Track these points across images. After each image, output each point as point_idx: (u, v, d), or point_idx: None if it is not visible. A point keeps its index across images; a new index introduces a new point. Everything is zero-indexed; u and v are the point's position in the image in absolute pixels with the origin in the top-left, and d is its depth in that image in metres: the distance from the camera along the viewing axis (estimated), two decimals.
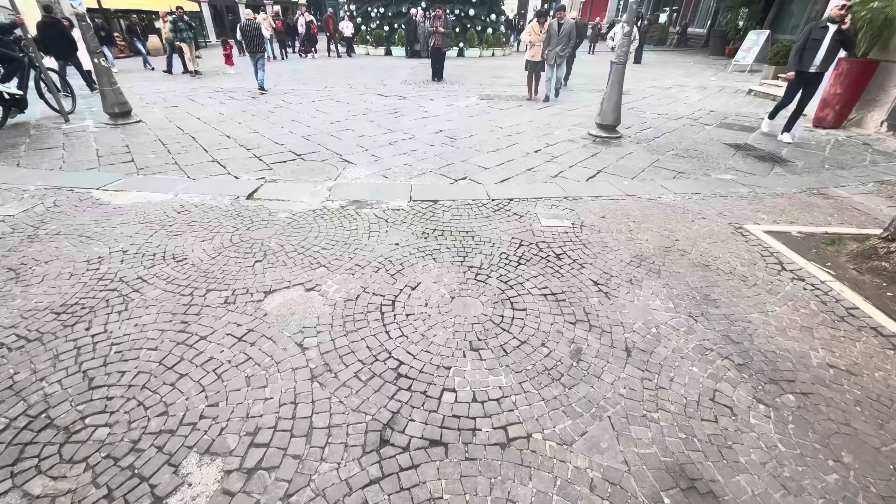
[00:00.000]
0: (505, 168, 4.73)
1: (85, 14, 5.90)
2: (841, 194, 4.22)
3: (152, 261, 2.80)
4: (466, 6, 17.60)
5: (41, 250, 2.89)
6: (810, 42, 5.35)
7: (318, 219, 3.43)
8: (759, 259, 2.96)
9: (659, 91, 9.95)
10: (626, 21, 5.50)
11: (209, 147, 5.26)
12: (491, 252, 2.98)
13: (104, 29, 11.90)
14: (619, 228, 3.37)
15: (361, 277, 2.66)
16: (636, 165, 4.88)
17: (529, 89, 8.58)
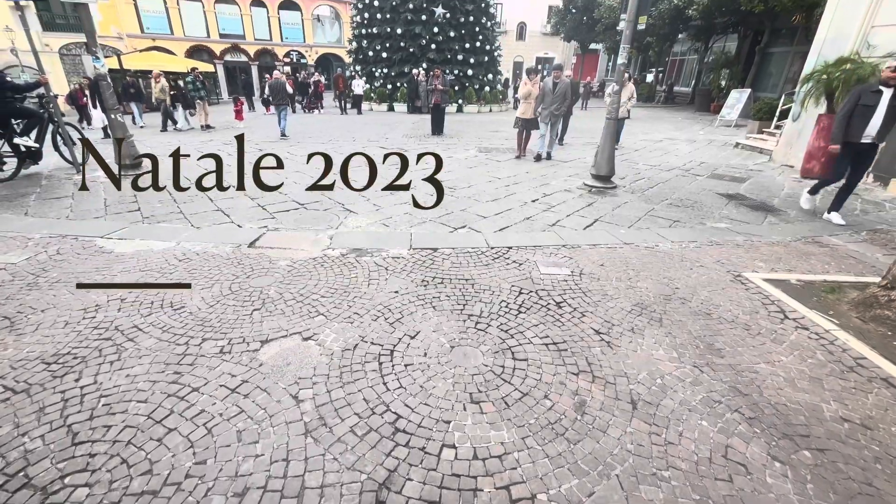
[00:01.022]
0: (503, 217, 4.82)
1: (106, 74, 6.28)
2: (835, 242, 4.27)
3: (150, 309, 2.78)
4: (465, 67, 18.76)
5: (39, 298, 2.88)
6: (859, 108, 4.50)
7: (319, 267, 3.45)
8: (760, 307, 2.95)
9: (650, 144, 10.36)
10: (617, 81, 5.85)
11: (215, 197, 5.38)
12: (491, 300, 2.97)
13: (134, 86, 12.50)
14: (619, 276, 3.37)
15: (360, 326, 2.62)
16: (632, 214, 4.98)
17: (519, 146, 8.35)
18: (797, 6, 13.13)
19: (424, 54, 18.08)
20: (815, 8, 12.13)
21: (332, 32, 29.96)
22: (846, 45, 6.82)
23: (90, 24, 6.03)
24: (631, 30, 5.51)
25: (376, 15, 18.34)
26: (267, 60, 27.76)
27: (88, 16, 6.01)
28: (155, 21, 24.60)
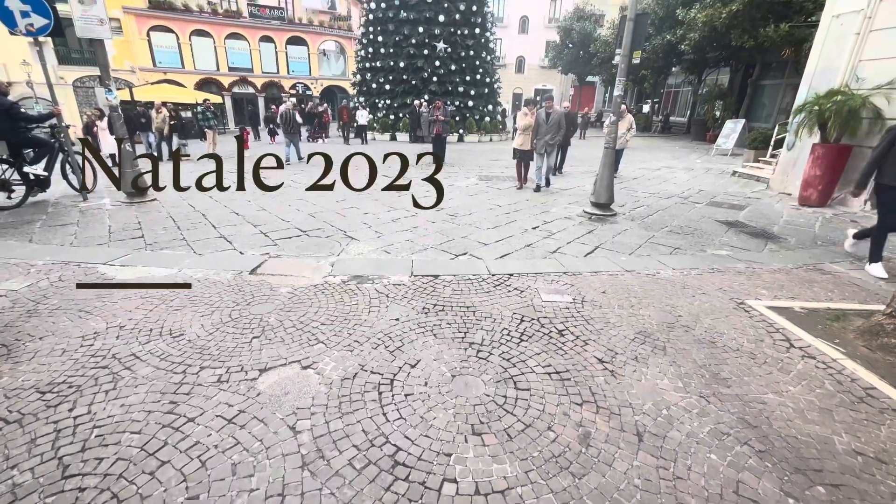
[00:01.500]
0: (504, 244, 4.85)
1: (118, 106, 6.47)
2: (837, 270, 4.26)
3: (148, 337, 2.75)
4: (466, 98, 19.30)
5: (38, 325, 2.86)
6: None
7: (319, 294, 3.44)
8: (765, 335, 2.91)
9: (648, 172, 10.51)
10: (614, 112, 6.00)
11: (218, 224, 5.44)
12: (492, 328, 2.94)
13: (144, 116, 12.75)
14: (621, 304, 3.35)
15: (360, 354, 2.59)
16: (632, 242, 4.99)
17: (519, 177, 8.28)
18: (786, 41, 13.59)
19: (426, 86, 18.63)
20: (803, 43, 12.56)
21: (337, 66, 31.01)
22: (835, 77, 7.02)
23: (104, 59, 6.27)
24: (626, 63, 5.70)
25: (380, 49, 19.03)
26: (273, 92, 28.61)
27: (103, 51, 6.25)
28: (167, 55, 25.54)
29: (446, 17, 18.17)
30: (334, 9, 29.51)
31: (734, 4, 13.94)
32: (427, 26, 18.11)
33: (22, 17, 5.60)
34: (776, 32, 13.47)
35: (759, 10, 13.80)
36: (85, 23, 5.84)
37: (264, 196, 7.15)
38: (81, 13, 5.77)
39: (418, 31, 18.14)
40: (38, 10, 5.62)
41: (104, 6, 5.93)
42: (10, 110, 5.85)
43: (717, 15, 14.53)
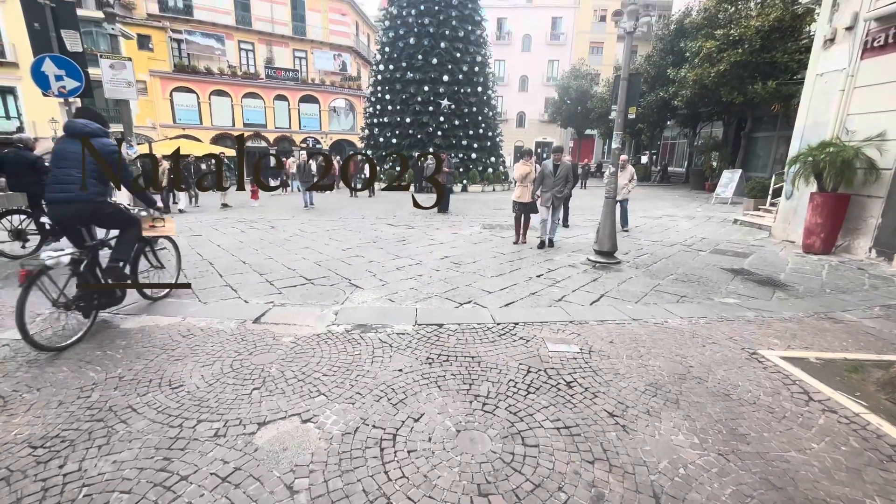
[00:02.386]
0: (509, 292, 4.83)
1: (137, 160, 6.77)
2: (849, 318, 4.18)
3: (147, 388, 2.70)
4: (469, 151, 20.06)
5: (37, 376, 2.82)
6: None
7: (322, 343, 3.40)
8: (781, 388, 2.81)
9: (650, 220, 10.64)
10: (613, 163, 6.20)
11: (224, 272, 5.49)
12: (498, 379, 2.87)
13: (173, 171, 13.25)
14: (629, 354, 3.28)
15: (362, 407, 2.51)
16: (638, 290, 4.96)
17: (517, 232, 7.54)
18: (774, 97, 14.25)
19: (431, 140, 19.43)
20: (791, 98, 13.16)
21: (346, 121, 32.61)
22: (826, 130, 7.28)
23: (129, 117, 6.67)
24: (622, 119, 5.97)
25: (387, 106, 20.09)
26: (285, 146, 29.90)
27: (128, 110, 6.66)
28: (187, 113, 27.06)
29: (450, 77, 19.32)
30: (345, 70, 31.52)
31: (721, 65, 14.77)
32: (432, 85, 19.22)
33: (56, 80, 6.03)
34: (764, 89, 14.16)
35: (745, 69, 14.59)
36: (114, 85, 6.27)
37: (271, 245, 7.27)
38: (111, 77, 6.22)
39: (424, 90, 19.23)
40: (72, 74, 6.07)
41: (133, 70, 6.39)
42: (34, 164, 6.13)
43: (706, 74, 15.37)
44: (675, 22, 20.51)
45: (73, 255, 3.46)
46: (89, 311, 3.54)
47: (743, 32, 14.29)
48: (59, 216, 3.58)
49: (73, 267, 3.45)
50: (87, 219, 3.68)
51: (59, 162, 3.47)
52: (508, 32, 39.11)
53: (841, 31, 7.13)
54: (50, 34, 5.96)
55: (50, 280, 3.28)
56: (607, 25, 36.57)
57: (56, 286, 3.32)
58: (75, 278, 3.47)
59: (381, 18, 21.98)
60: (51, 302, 3.31)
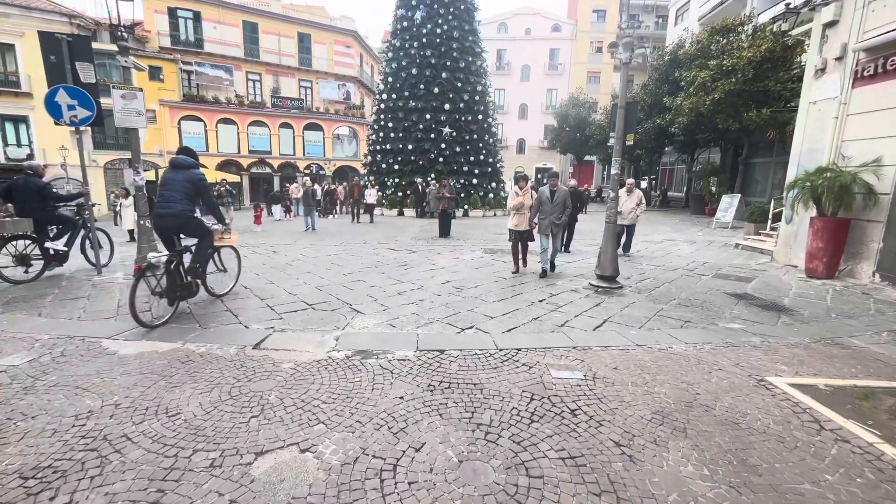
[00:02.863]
0: (511, 317, 4.79)
1: (143, 186, 6.88)
2: (857, 344, 4.12)
3: (143, 416, 2.65)
4: (470, 177, 20.34)
5: (32, 403, 2.78)
6: None
7: (322, 370, 3.35)
8: (791, 416, 2.74)
9: (652, 245, 10.66)
10: (612, 189, 6.27)
11: (225, 297, 5.47)
12: (501, 407, 2.81)
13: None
14: (634, 381, 3.22)
15: (362, 436, 2.46)
16: (641, 315, 4.92)
17: (516, 261, 7.25)
18: (769, 124, 14.52)
19: (433, 166, 19.75)
20: (786, 125, 13.40)
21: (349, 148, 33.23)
22: (822, 157, 7.38)
23: (137, 145, 6.81)
24: (620, 145, 6.08)
25: (390, 134, 20.53)
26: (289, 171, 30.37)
27: (137, 138, 6.82)
28: (194, 140, 27.59)
29: (452, 105, 19.81)
30: (349, 99, 32.36)
31: (716, 93, 15.13)
32: (434, 113, 19.68)
33: (68, 110, 6.20)
34: (759, 117, 14.45)
35: (739, 97, 14.93)
36: (124, 115, 6.44)
37: (273, 269, 7.27)
38: (122, 106, 6.39)
39: (426, 118, 19.68)
40: (84, 104, 6.24)
41: (143, 100, 6.58)
42: (42, 191, 6.24)
43: (702, 102, 15.72)
44: (669, 53, 21.17)
45: (167, 257, 4.54)
46: (173, 300, 4.59)
47: (735, 63, 14.71)
48: (162, 226, 4.68)
49: (166, 265, 4.48)
50: (179, 228, 4.76)
51: (165, 186, 4.63)
52: (508, 63, 40.36)
53: (831, 61, 7.33)
54: (65, 66, 6.16)
55: (152, 274, 4.35)
56: (604, 56, 37.80)
57: (155, 279, 4.38)
58: (167, 275, 4.47)
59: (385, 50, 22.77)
60: (150, 291, 4.36)
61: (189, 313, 4.80)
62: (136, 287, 4.17)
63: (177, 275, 4.61)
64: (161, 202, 4.60)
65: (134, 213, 8.01)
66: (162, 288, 4.44)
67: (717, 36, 16.89)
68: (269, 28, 28.88)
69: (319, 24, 30.74)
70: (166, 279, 4.48)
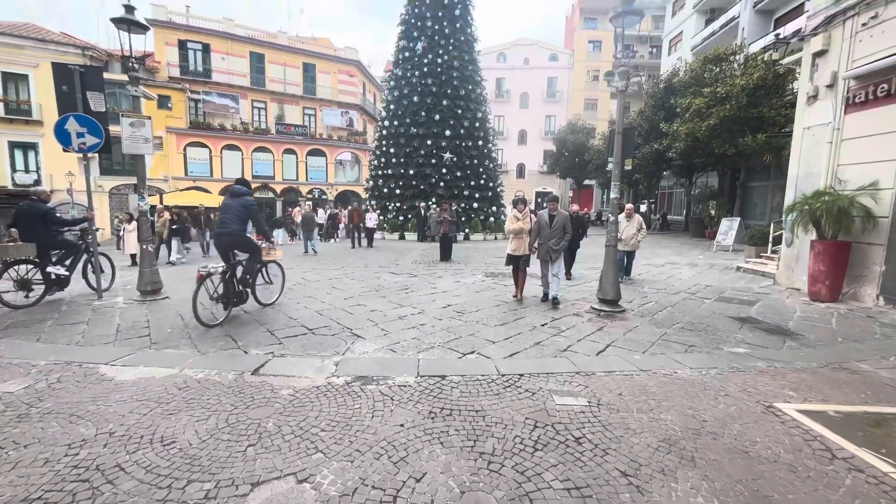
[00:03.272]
0: (513, 342, 4.74)
1: (147, 211, 6.95)
2: (865, 369, 4.05)
3: (137, 444, 2.59)
4: (471, 201, 20.53)
5: (25, 432, 2.72)
6: None
7: (322, 396, 3.30)
8: (802, 444, 2.67)
9: (653, 268, 10.64)
10: (612, 212, 6.32)
11: (225, 321, 5.44)
12: (504, 435, 2.74)
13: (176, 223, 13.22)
14: (640, 407, 3.15)
15: (361, 466, 2.39)
16: (644, 339, 4.87)
17: (517, 286, 7.02)
18: (765, 149, 14.74)
19: (434, 191, 19.96)
20: (781, 150, 13.60)
21: (351, 173, 33.69)
22: (819, 181, 7.46)
23: (143, 171, 6.92)
24: (619, 170, 6.16)
25: (391, 159, 20.86)
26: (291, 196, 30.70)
27: (143, 164, 6.93)
28: (198, 166, 28.09)
29: (452, 132, 20.20)
30: (352, 126, 33.06)
31: (711, 119, 15.44)
32: (435, 139, 20.05)
33: (77, 137, 6.33)
34: (754, 141, 14.70)
35: (734, 122, 15.23)
36: (132, 142, 6.57)
37: None
38: (130, 134, 6.53)
39: (427, 144, 20.03)
40: (93, 132, 6.37)
41: (151, 128, 6.73)
42: (45, 215, 6.31)
43: (698, 128, 16.01)
44: (664, 81, 21.72)
45: (222, 269, 5.44)
46: (228, 305, 5.47)
47: (729, 90, 15.07)
48: (220, 243, 5.68)
49: (222, 275, 5.42)
50: (234, 245, 5.72)
51: (223, 211, 5.68)
52: (507, 91, 41.41)
53: (822, 88, 7.51)
54: (76, 95, 6.33)
55: (211, 282, 5.28)
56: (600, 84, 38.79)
57: (213, 286, 5.33)
58: (222, 284, 5.41)
59: (387, 79, 23.41)
60: (208, 296, 5.27)
61: (189, 338, 4.77)
62: (197, 292, 5.00)
63: (231, 284, 5.50)
64: (220, 224, 5.64)
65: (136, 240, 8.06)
66: (218, 294, 5.37)
67: (710, 65, 17.38)
68: (276, 59, 29.82)
69: (324, 54, 31.76)
70: (222, 287, 5.39)
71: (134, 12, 6.48)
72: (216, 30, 27.91)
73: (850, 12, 6.97)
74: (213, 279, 5.29)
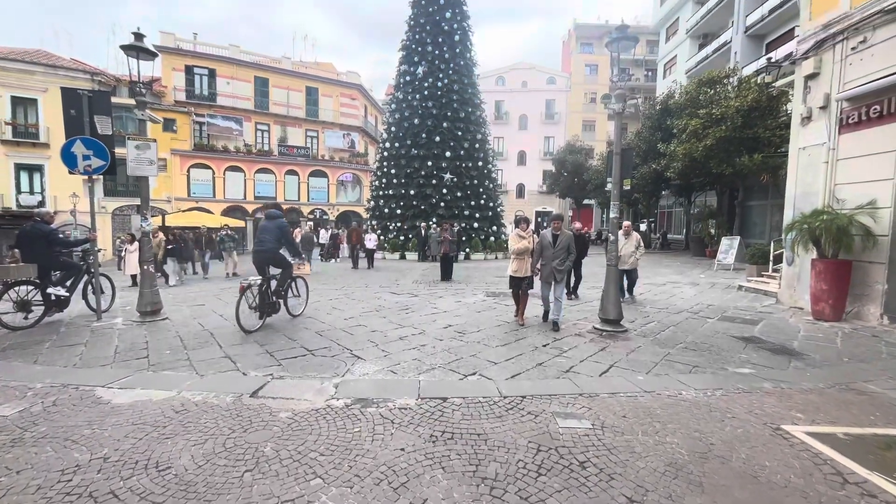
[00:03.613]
0: (514, 363, 4.69)
1: (150, 232, 6.99)
2: (873, 389, 3.99)
3: (132, 470, 2.53)
4: (471, 221, 20.64)
5: (18, 457, 2.67)
6: None
7: (321, 419, 3.24)
8: (812, 468, 2.60)
9: (654, 287, 10.60)
10: (612, 232, 6.34)
11: (224, 343, 5.40)
12: (506, 459, 2.68)
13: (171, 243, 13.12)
14: (645, 430, 3.09)
15: (360, 492, 2.33)
16: (648, 359, 4.81)
17: (518, 310, 6.68)
18: (761, 169, 14.89)
19: (434, 211, 20.10)
20: (778, 170, 13.74)
21: (353, 194, 34.02)
22: (817, 200, 7.51)
23: (146, 192, 6.99)
24: (617, 189, 6.22)
25: (392, 180, 21.07)
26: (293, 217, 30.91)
27: (147, 186, 7.01)
28: (201, 187, 28.41)
29: (452, 153, 20.48)
30: (353, 147, 33.57)
31: (707, 140, 15.67)
32: (435, 160, 20.31)
33: (83, 160, 6.42)
34: (751, 161, 14.86)
35: (731, 143, 15.44)
36: (137, 164, 6.66)
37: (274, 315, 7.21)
38: (135, 156, 6.63)
39: (427, 165, 20.28)
40: (99, 154, 6.47)
41: (156, 150, 6.83)
42: (48, 236, 6.33)
43: (694, 148, 16.23)
44: (660, 103, 22.14)
45: (260, 281, 6.15)
46: (263, 314, 6.16)
47: (724, 111, 15.34)
48: (258, 259, 6.44)
49: (259, 287, 6.12)
50: (269, 261, 6.45)
51: (261, 231, 6.51)
52: (506, 113, 42.18)
53: (816, 110, 7.64)
54: (84, 119, 6.46)
55: (250, 293, 5.98)
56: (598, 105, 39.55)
57: (252, 296, 6.04)
58: (259, 294, 6.10)
59: (389, 102, 23.89)
60: (247, 305, 5.95)
61: (187, 360, 4.72)
62: (240, 301, 5.76)
63: (266, 295, 6.18)
64: (257, 242, 6.48)
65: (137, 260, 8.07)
66: (256, 304, 6.05)
67: (705, 87, 17.74)
68: (280, 83, 30.54)
69: (327, 78, 32.54)
70: (259, 297, 6.06)
71: (143, 40, 6.67)
72: (222, 55, 28.69)
73: (839, 37, 7.16)
74: (252, 290, 5.95)
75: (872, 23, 6.61)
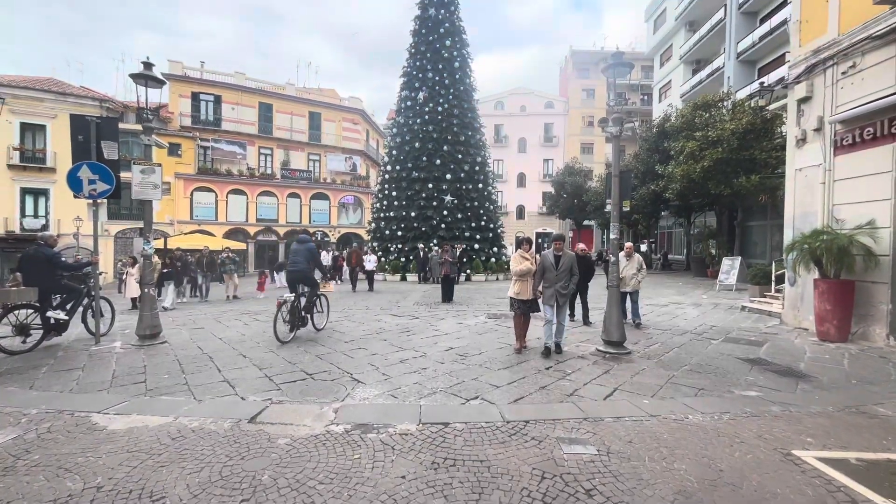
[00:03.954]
0: (517, 386, 4.61)
1: (151, 255, 7.02)
2: (884, 412, 3.91)
3: (125, 500, 2.47)
4: (472, 242, 20.71)
5: (10, 486, 2.60)
6: None
7: (320, 446, 3.17)
8: (826, 496, 2.53)
9: (657, 308, 10.52)
10: (612, 253, 6.34)
11: (223, 367, 5.33)
12: (510, 487, 2.61)
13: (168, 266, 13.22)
14: (652, 456, 3.02)
15: None
16: (652, 382, 4.73)
17: (518, 336, 6.24)
18: (759, 189, 15.00)
19: (435, 232, 20.20)
20: (776, 190, 13.84)
21: (354, 216, 34.25)
22: (816, 220, 7.54)
23: (150, 216, 7.05)
24: (617, 211, 6.26)
25: (393, 202, 21.27)
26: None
27: (150, 209, 7.08)
28: (204, 210, 28.64)
29: (453, 175, 20.74)
30: (355, 170, 34.01)
31: (704, 161, 15.85)
32: (436, 183, 20.55)
33: (88, 184, 6.51)
34: (749, 182, 14.99)
35: (728, 164, 15.61)
36: (141, 188, 6.74)
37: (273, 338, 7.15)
38: (140, 180, 6.72)
39: (428, 187, 20.51)
40: (104, 179, 6.55)
41: (161, 175, 6.93)
42: (51, 260, 6.35)
43: (692, 170, 16.40)
44: (656, 126, 22.51)
45: (292, 298, 6.87)
46: (293, 327, 6.92)
47: (720, 134, 15.58)
48: (291, 278, 7.37)
49: (291, 303, 6.84)
50: (301, 280, 7.32)
51: (293, 254, 7.40)
52: (505, 136, 42.90)
53: (810, 132, 7.77)
54: (91, 144, 6.57)
55: (284, 308, 6.73)
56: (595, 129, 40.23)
57: (286, 311, 6.77)
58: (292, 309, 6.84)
59: (390, 126, 24.36)
60: (282, 319, 6.69)
61: (185, 385, 4.66)
62: (277, 315, 6.58)
63: (297, 310, 6.92)
64: (291, 263, 7.39)
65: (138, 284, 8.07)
66: (288, 318, 6.78)
67: (700, 110, 18.07)
68: (283, 108, 31.23)
69: (329, 104, 33.28)
70: (290, 312, 6.79)
71: (152, 69, 6.87)
72: (228, 82, 29.44)
73: (830, 62, 7.35)
74: (286, 305, 6.66)
75: (861, 48, 6.80)
